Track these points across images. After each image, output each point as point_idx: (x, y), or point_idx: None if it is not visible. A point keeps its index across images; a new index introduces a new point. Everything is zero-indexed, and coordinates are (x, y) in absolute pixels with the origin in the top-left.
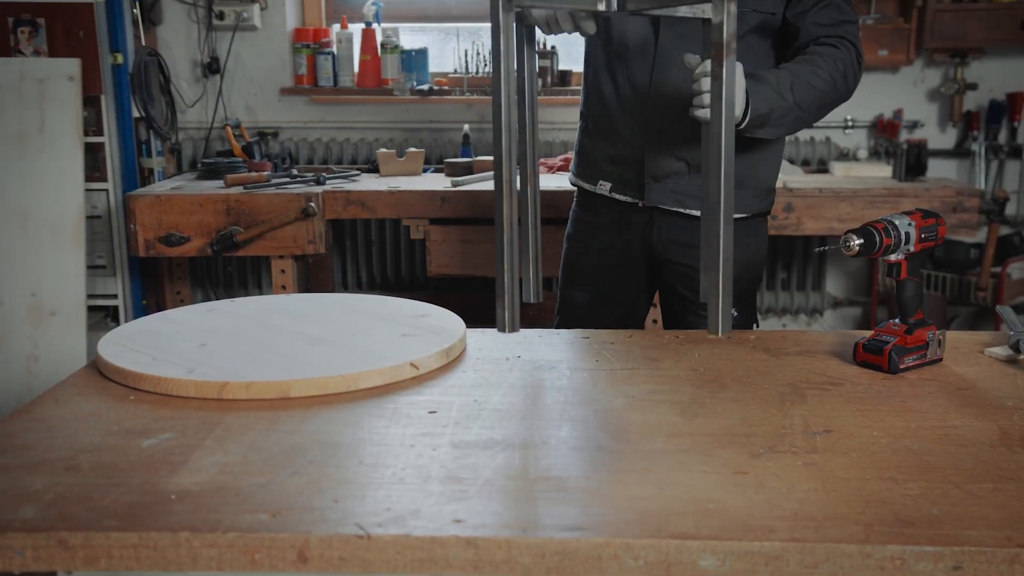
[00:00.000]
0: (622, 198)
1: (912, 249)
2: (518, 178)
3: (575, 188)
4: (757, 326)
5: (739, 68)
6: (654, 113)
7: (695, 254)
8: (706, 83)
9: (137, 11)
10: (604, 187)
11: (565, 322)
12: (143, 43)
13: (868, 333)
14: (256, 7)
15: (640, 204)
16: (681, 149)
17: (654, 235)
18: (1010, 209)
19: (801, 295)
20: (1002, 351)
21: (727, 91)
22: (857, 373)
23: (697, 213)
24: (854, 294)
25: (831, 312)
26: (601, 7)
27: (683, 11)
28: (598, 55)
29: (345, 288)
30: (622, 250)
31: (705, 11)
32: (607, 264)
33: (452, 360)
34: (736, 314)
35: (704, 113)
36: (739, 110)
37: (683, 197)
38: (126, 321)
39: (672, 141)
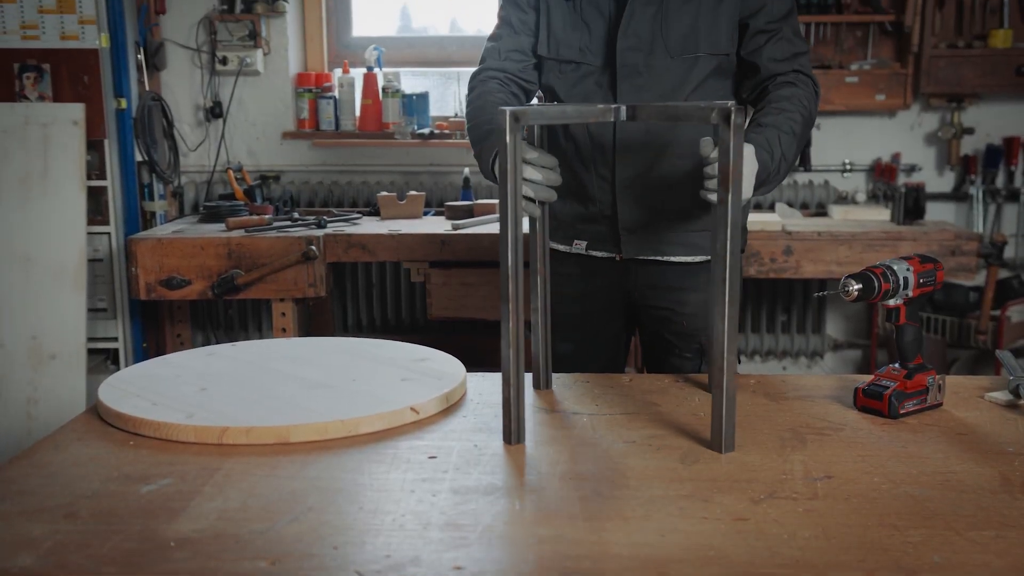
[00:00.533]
0: (599, 254)
1: (911, 294)
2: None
3: None
4: (739, 361)
5: (749, 150)
6: (621, 167)
7: (674, 297)
8: (714, 168)
9: (141, 57)
10: (580, 246)
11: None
12: (147, 88)
13: (868, 378)
14: (259, 52)
15: (617, 258)
16: (651, 198)
17: (631, 282)
18: (1009, 252)
19: (801, 338)
20: (1002, 396)
21: (732, 217)
22: (857, 418)
23: (674, 259)
24: (854, 337)
25: (831, 355)
26: (609, 118)
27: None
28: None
29: (345, 331)
30: (601, 298)
31: (713, 117)
32: (587, 312)
33: (452, 404)
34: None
35: (715, 197)
36: (749, 191)
37: (659, 245)
38: (126, 364)
39: (642, 192)
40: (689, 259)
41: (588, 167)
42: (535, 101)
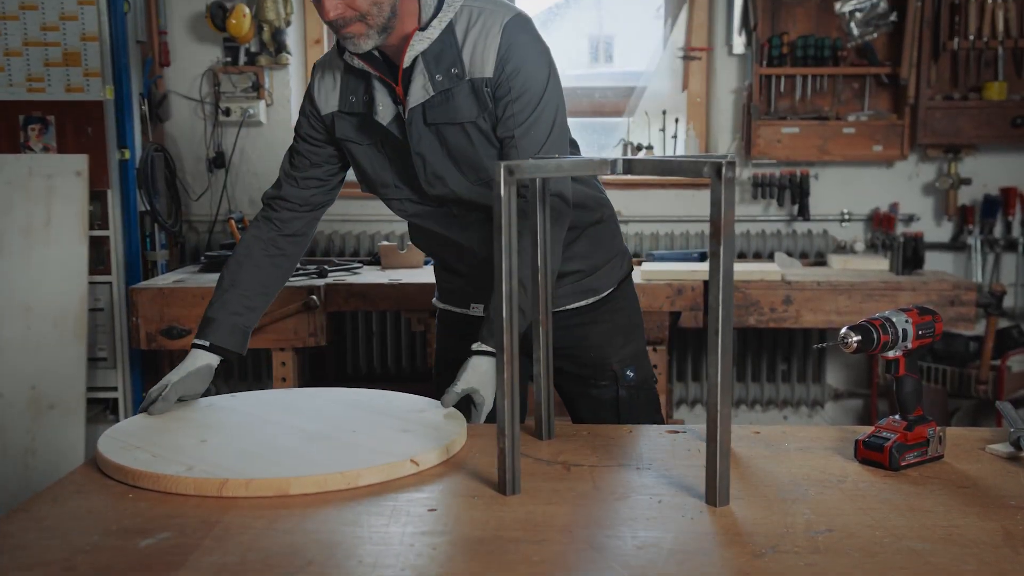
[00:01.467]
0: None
1: (910, 346)
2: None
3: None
4: (655, 381)
5: (487, 362)
6: (481, 250)
7: (576, 334)
8: None
9: (146, 108)
10: (477, 309)
11: None
12: (150, 139)
13: (868, 429)
14: (262, 103)
15: None
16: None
17: (530, 333)
18: (1008, 302)
19: (802, 387)
20: (1003, 448)
21: (724, 267)
22: (858, 470)
23: (568, 307)
24: (854, 386)
25: (832, 404)
26: (607, 171)
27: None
28: (421, 243)
29: (345, 379)
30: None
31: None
32: None
33: (453, 456)
34: (631, 375)
35: None
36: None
37: (554, 298)
38: (126, 414)
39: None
40: (580, 304)
41: (460, 259)
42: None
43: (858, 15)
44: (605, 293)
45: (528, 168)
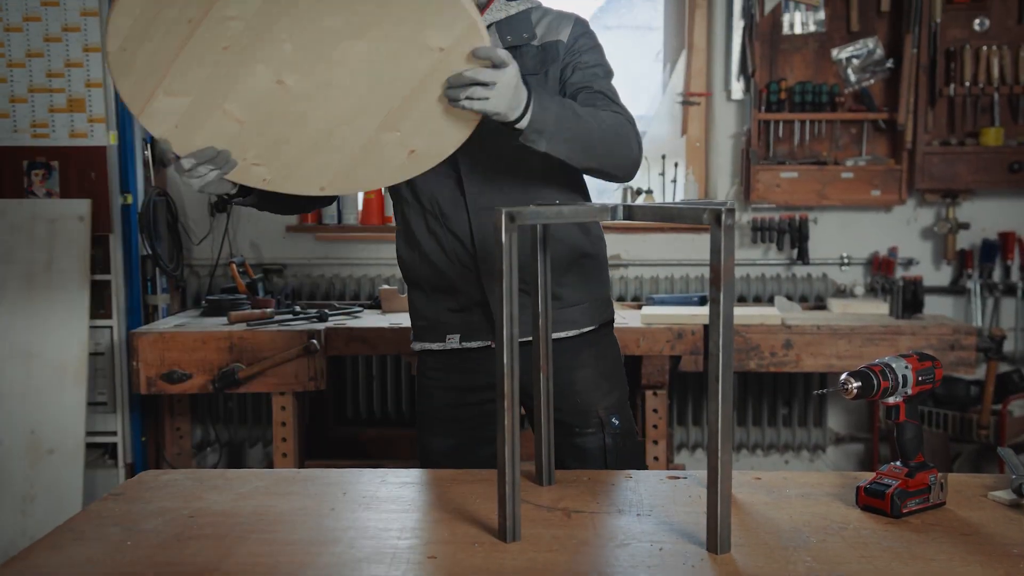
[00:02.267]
0: (474, 344)
1: (910, 392)
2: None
3: (418, 353)
4: (641, 437)
5: (513, 68)
6: (483, 254)
7: (562, 376)
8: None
9: (148, 153)
10: (453, 340)
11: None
12: (153, 183)
13: (870, 475)
14: None
15: (492, 345)
16: (521, 281)
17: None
18: (1008, 346)
19: (803, 431)
20: (1005, 495)
21: (724, 313)
22: (860, 517)
23: (555, 336)
24: (856, 430)
25: (833, 448)
26: (607, 217)
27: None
28: (415, 221)
29: (344, 423)
30: (479, 391)
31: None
32: (466, 405)
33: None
34: (617, 423)
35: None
36: (509, 106)
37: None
38: (125, 459)
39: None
40: (570, 333)
41: (455, 261)
42: None
43: (855, 62)
44: (585, 329)
45: (529, 215)
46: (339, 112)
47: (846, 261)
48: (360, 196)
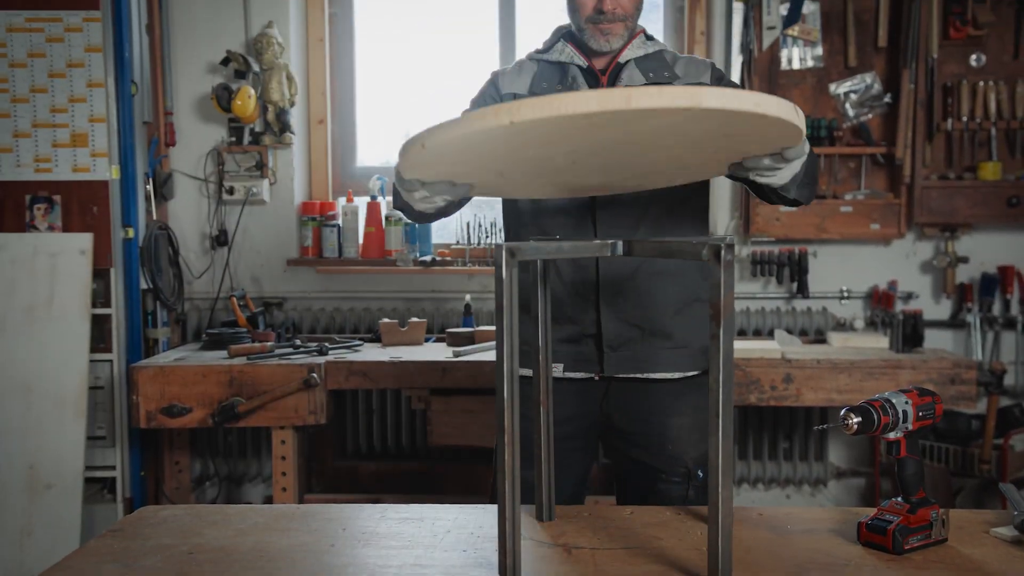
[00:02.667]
0: (577, 375)
1: (910, 427)
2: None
3: None
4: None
5: (806, 147)
6: (605, 286)
7: (658, 419)
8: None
9: (150, 187)
10: (556, 369)
11: None
12: (154, 217)
13: (871, 511)
14: (265, 182)
15: (596, 377)
16: (633, 315)
17: (611, 404)
18: (1009, 380)
19: (804, 465)
20: (1007, 531)
21: (724, 348)
22: (862, 553)
23: (656, 376)
24: (857, 464)
25: (834, 483)
26: (606, 253)
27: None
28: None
29: (344, 457)
30: (573, 423)
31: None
32: (557, 440)
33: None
34: (702, 476)
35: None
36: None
37: (640, 362)
38: (123, 493)
39: (624, 309)
40: (673, 375)
41: (572, 289)
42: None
43: (853, 96)
44: (689, 374)
45: (529, 250)
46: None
47: (846, 295)
48: (361, 229)
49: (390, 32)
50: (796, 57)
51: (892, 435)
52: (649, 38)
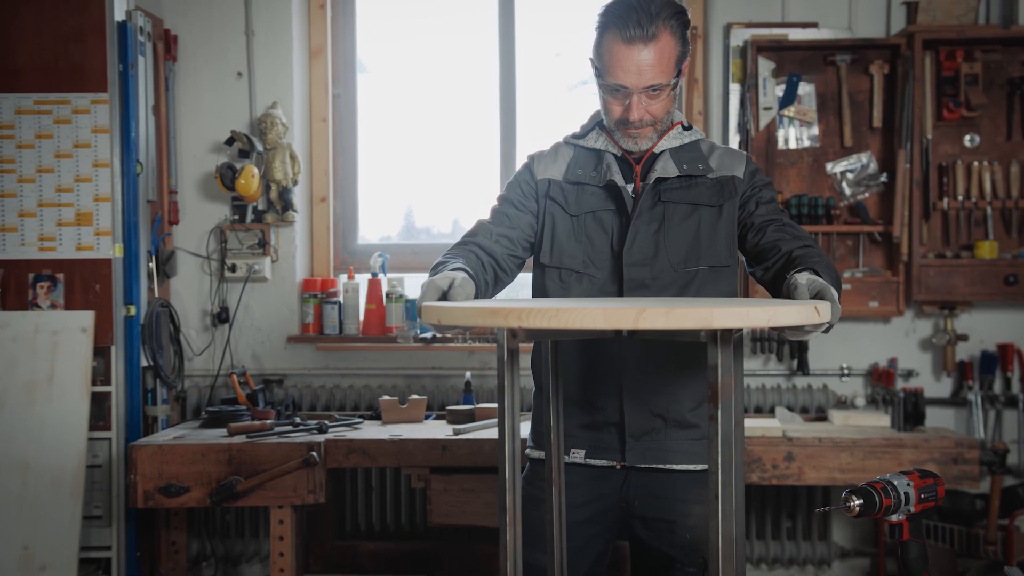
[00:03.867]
0: (598, 463)
1: (913, 509)
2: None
3: (531, 459)
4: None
5: (836, 312)
6: (628, 372)
7: (677, 508)
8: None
9: (153, 265)
10: (578, 455)
11: None
12: (156, 294)
13: None
14: (267, 260)
15: (617, 466)
16: (657, 404)
17: (631, 492)
18: (1012, 459)
19: (807, 545)
20: None
21: (724, 432)
22: None
23: (677, 467)
24: (861, 544)
25: (839, 563)
26: (610, 334)
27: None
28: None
29: (343, 536)
30: (592, 508)
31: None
32: (575, 524)
33: None
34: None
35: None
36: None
37: (663, 452)
38: (118, 574)
39: (647, 398)
40: (694, 467)
41: (596, 377)
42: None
43: (849, 175)
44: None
45: (531, 331)
46: None
47: (846, 372)
48: (362, 306)
49: (393, 110)
50: (793, 137)
51: (894, 518)
52: (687, 128)
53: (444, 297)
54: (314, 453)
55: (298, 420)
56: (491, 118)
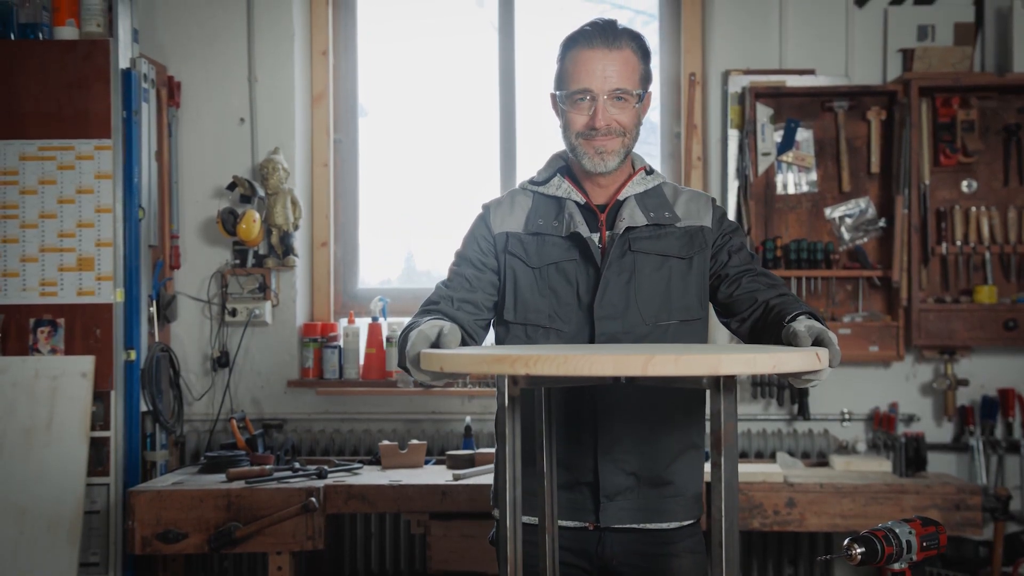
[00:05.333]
0: (570, 524)
1: (915, 558)
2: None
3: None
4: None
5: (836, 357)
6: (603, 431)
7: (659, 564)
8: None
9: (153, 309)
10: (566, 522)
11: None
12: (156, 339)
13: None
14: (268, 304)
15: (590, 527)
16: (630, 463)
17: (605, 550)
18: (1015, 505)
19: None
20: None
21: (727, 480)
22: None
23: (651, 526)
24: None
25: None
26: (609, 380)
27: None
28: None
29: None
30: (569, 568)
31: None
32: None
33: None
34: None
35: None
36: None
37: (637, 512)
38: None
39: (621, 458)
40: (671, 525)
41: (568, 432)
42: None
43: (848, 220)
44: (686, 523)
45: (534, 378)
46: None
47: (847, 417)
48: (362, 350)
49: (394, 154)
50: (791, 182)
51: (897, 566)
52: (649, 172)
53: (435, 346)
54: (313, 499)
55: (297, 465)
56: (491, 160)
